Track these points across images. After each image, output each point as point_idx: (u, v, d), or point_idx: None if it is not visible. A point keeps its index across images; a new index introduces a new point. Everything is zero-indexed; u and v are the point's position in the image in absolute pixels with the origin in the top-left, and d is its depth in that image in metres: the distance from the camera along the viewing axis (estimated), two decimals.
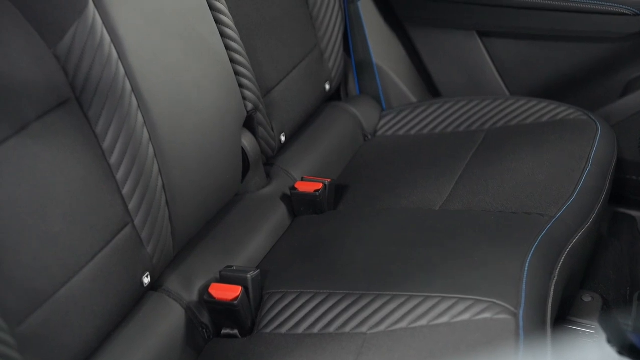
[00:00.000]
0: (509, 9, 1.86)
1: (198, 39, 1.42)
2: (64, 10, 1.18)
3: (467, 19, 1.95)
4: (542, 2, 1.81)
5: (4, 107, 1.06)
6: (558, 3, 1.79)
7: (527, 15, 1.85)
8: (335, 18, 1.87)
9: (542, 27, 1.87)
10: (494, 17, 1.91)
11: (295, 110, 1.74)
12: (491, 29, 1.96)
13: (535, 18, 1.84)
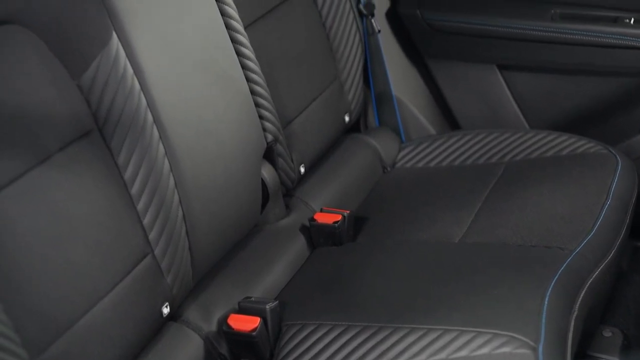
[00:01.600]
0: (529, 42, 1.87)
1: (219, 71, 1.43)
2: (88, 42, 1.20)
3: (487, 53, 1.96)
4: (564, 37, 1.81)
5: (28, 137, 1.08)
6: (580, 37, 1.80)
7: (547, 49, 1.86)
8: (356, 50, 1.89)
9: (563, 61, 1.87)
10: (514, 51, 1.92)
11: (314, 141, 1.75)
12: (511, 63, 1.96)
13: (556, 52, 1.85)
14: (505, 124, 2.00)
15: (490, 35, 1.91)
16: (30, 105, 1.09)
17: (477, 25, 1.92)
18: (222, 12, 1.47)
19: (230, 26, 1.48)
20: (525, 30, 1.86)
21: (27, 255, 1.04)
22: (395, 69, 2.03)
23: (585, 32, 1.82)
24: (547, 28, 1.84)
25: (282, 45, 1.69)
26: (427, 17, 1.97)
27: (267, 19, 1.65)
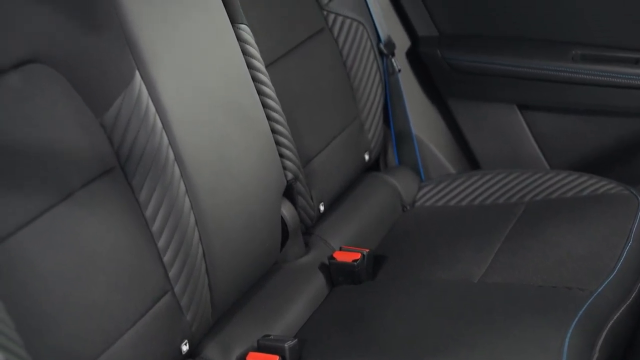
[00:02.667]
0: (550, 83, 1.87)
1: (240, 110, 1.45)
2: (112, 81, 1.21)
3: (507, 93, 1.97)
4: (584, 77, 1.82)
5: (52, 174, 1.09)
6: (601, 78, 1.80)
7: (568, 90, 1.86)
8: (376, 89, 1.90)
9: (584, 102, 1.87)
10: (534, 91, 1.92)
11: (334, 179, 1.76)
12: (532, 103, 1.97)
13: (577, 92, 1.85)
14: (525, 164, 2.00)
15: (511, 75, 1.92)
16: (55, 143, 1.11)
17: (498, 65, 1.93)
18: (243, 52, 1.48)
19: (252, 65, 1.50)
20: (545, 70, 1.87)
21: (48, 294, 1.04)
22: (416, 108, 2.04)
23: (606, 73, 1.83)
24: (568, 69, 1.85)
25: (303, 84, 1.70)
26: (448, 56, 1.98)
27: (288, 58, 1.66)
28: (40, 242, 1.05)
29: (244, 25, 1.49)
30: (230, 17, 1.47)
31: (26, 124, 1.07)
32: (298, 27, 1.71)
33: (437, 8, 1.98)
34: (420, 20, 2.01)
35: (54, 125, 1.11)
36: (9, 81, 1.06)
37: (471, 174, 1.91)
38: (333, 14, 1.81)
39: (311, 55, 1.73)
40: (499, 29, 1.94)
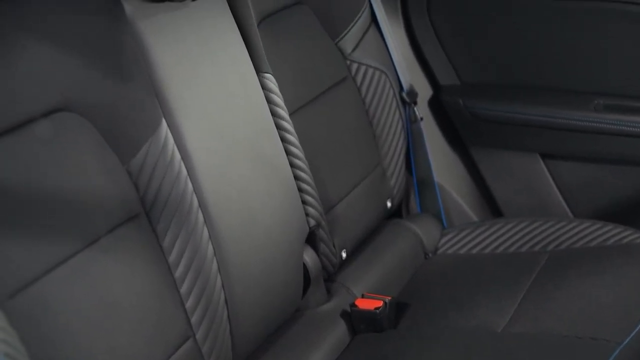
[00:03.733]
0: (572, 132, 1.87)
1: (264, 157, 1.46)
2: (139, 128, 1.23)
3: (529, 142, 1.97)
4: (607, 127, 1.82)
5: (78, 221, 1.10)
6: (623, 128, 1.80)
7: (591, 139, 1.86)
8: (398, 137, 1.91)
9: (607, 151, 1.87)
10: (557, 140, 1.92)
11: (356, 226, 1.76)
12: (554, 152, 1.97)
13: (600, 142, 1.85)
14: (548, 213, 1.99)
15: (533, 124, 1.92)
16: (82, 189, 1.12)
17: (520, 115, 1.93)
18: (268, 100, 1.50)
19: (276, 113, 1.52)
20: (568, 120, 1.87)
21: (71, 340, 1.04)
22: (438, 156, 2.04)
23: (629, 123, 1.83)
24: (590, 118, 1.85)
25: (326, 132, 1.71)
26: (470, 105, 1.99)
27: (311, 106, 1.68)
28: (64, 288, 1.06)
29: (268, 75, 1.51)
30: (255, 67, 1.49)
31: (55, 171, 1.09)
32: (322, 75, 1.73)
33: (459, 57, 2.00)
34: (443, 70, 2.03)
35: (81, 172, 1.13)
36: (38, 129, 1.08)
37: (494, 222, 1.90)
38: (356, 63, 1.83)
39: (334, 103, 1.75)
40: (520, 78, 1.95)
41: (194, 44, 1.36)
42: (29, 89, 1.08)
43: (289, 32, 1.65)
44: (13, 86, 1.06)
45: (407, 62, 2.01)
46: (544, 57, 1.89)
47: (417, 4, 1.97)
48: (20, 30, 1.09)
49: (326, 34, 1.77)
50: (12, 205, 1.02)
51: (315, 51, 1.73)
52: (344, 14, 1.83)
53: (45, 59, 1.10)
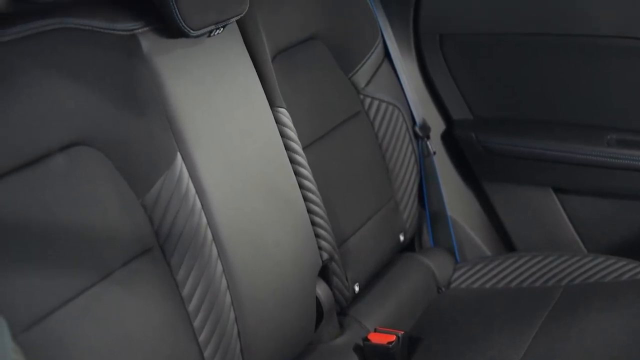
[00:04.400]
0: (585, 167, 1.87)
1: (277, 191, 1.47)
2: (154, 162, 1.24)
3: (542, 176, 1.97)
4: (620, 162, 1.82)
5: (92, 254, 1.11)
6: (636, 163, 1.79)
7: (604, 174, 1.86)
8: (411, 171, 1.92)
9: (620, 186, 1.87)
10: (570, 175, 1.92)
11: (369, 260, 1.76)
12: (567, 186, 1.97)
13: (613, 177, 1.85)
14: (562, 247, 1.99)
15: (546, 158, 1.92)
16: (96, 223, 1.13)
17: (532, 149, 1.94)
18: (282, 134, 1.51)
19: (290, 147, 1.53)
20: (580, 154, 1.87)
21: None
22: (451, 190, 2.05)
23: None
24: (603, 153, 1.85)
25: (339, 165, 1.72)
26: (483, 139, 2.00)
27: (325, 140, 1.69)
28: (79, 321, 1.06)
29: (282, 109, 1.53)
30: (270, 101, 1.50)
31: (70, 205, 1.10)
32: (335, 110, 1.75)
33: (472, 92, 2.01)
34: (455, 104, 2.04)
35: (96, 206, 1.14)
36: (54, 163, 1.09)
37: (507, 256, 1.90)
38: (369, 97, 1.85)
39: (347, 137, 1.76)
40: (533, 113, 1.95)
41: (209, 79, 1.37)
42: (45, 124, 1.09)
43: (302, 66, 1.67)
44: (30, 121, 1.07)
45: (420, 96, 2.02)
46: (557, 92, 1.90)
47: (430, 39, 1.98)
48: (37, 66, 1.10)
49: (339, 69, 1.79)
50: (28, 239, 1.03)
51: (329, 86, 1.75)
52: (358, 49, 1.84)
53: (62, 93, 1.12)
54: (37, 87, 1.09)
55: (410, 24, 1.98)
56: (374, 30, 1.89)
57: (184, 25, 1.27)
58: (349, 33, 1.81)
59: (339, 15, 1.77)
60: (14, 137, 1.05)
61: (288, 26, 1.62)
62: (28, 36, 1.10)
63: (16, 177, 1.04)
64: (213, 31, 1.35)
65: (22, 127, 1.06)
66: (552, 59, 1.87)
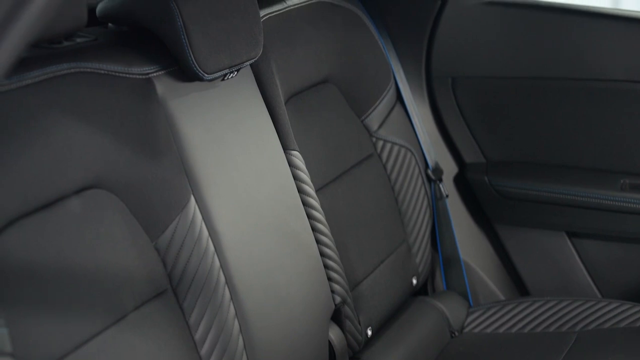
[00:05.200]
0: (599, 211, 1.86)
1: (291, 234, 1.47)
2: (168, 205, 1.25)
3: (556, 220, 1.96)
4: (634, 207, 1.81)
5: (106, 298, 1.11)
6: None
7: (617, 218, 1.85)
8: (424, 214, 1.91)
9: (633, 231, 1.86)
10: (583, 219, 1.91)
11: (382, 304, 1.75)
12: (581, 230, 1.96)
13: (627, 221, 1.84)
14: (576, 292, 1.97)
15: (559, 202, 1.91)
16: (110, 266, 1.13)
17: (545, 193, 1.93)
18: (294, 177, 1.52)
19: (303, 190, 1.53)
20: (594, 199, 1.86)
21: None
22: (463, 233, 2.04)
23: None
24: (617, 198, 1.84)
25: (352, 208, 1.72)
26: (495, 183, 2.00)
27: (337, 182, 1.69)
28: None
29: (295, 152, 1.53)
30: (283, 144, 1.51)
31: (84, 248, 1.10)
32: (348, 152, 1.75)
33: (484, 135, 2.01)
34: (468, 147, 2.04)
35: (110, 249, 1.14)
36: (69, 206, 1.10)
37: (521, 301, 1.88)
38: (382, 140, 1.85)
39: (360, 180, 1.76)
40: (546, 156, 1.95)
41: (223, 122, 1.38)
42: (61, 167, 1.10)
43: (315, 109, 1.68)
44: (46, 164, 1.08)
45: (432, 139, 2.02)
46: (570, 135, 1.90)
47: (442, 82, 1.99)
48: (53, 109, 1.11)
49: (352, 112, 1.80)
50: (42, 282, 1.03)
51: (342, 128, 1.75)
52: (370, 93, 1.85)
53: (77, 137, 1.13)
54: (53, 130, 1.10)
55: (423, 67, 1.99)
56: (386, 74, 1.91)
57: (198, 69, 1.29)
58: (361, 76, 1.82)
59: (351, 59, 1.79)
60: (30, 180, 1.05)
61: (301, 70, 1.63)
62: (45, 80, 1.12)
63: (31, 220, 1.04)
64: (227, 75, 1.36)
65: (38, 170, 1.07)
66: (564, 103, 1.88)
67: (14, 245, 1.01)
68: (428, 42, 1.95)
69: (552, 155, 1.94)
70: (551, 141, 1.93)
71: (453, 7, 1.89)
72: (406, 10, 1.93)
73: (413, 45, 1.97)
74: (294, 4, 1.65)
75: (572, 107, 1.87)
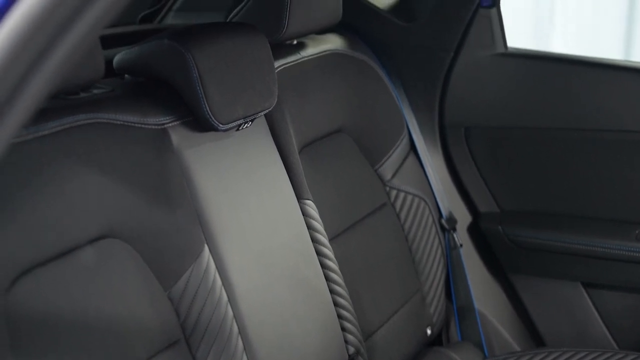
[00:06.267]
0: (614, 262, 1.85)
1: (304, 283, 1.46)
2: (181, 254, 1.25)
3: (571, 270, 1.95)
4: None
5: (119, 348, 1.11)
6: None
7: (633, 269, 1.84)
8: (438, 264, 1.91)
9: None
10: (598, 269, 1.90)
11: (396, 354, 1.73)
12: (596, 281, 1.94)
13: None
14: (592, 343, 1.95)
15: (574, 252, 1.90)
16: (124, 316, 1.13)
17: (561, 243, 1.92)
18: (308, 226, 1.52)
19: (316, 239, 1.53)
20: (609, 249, 1.85)
21: None
22: (478, 283, 2.03)
23: None
24: (632, 248, 1.83)
25: (365, 257, 1.72)
26: (510, 233, 1.99)
27: (351, 231, 1.69)
28: None
29: (309, 201, 1.54)
30: (297, 193, 1.52)
31: (98, 298, 1.10)
32: (361, 202, 1.75)
33: (498, 185, 2.01)
34: (482, 197, 2.04)
35: (123, 299, 1.14)
36: (84, 256, 1.10)
37: (536, 352, 1.86)
38: (395, 189, 1.86)
39: (374, 229, 1.76)
40: (560, 206, 1.95)
41: (237, 172, 1.39)
42: (76, 217, 1.11)
43: (329, 158, 1.69)
44: (61, 214, 1.09)
45: (446, 188, 2.02)
46: (583, 186, 1.90)
47: (455, 132, 2.00)
48: (69, 159, 1.12)
49: (366, 161, 1.80)
50: (55, 331, 1.03)
51: (355, 177, 1.76)
52: (384, 142, 1.86)
53: (93, 186, 1.14)
54: (69, 180, 1.11)
55: (436, 117, 2.00)
56: (399, 123, 1.92)
57: (213, 119, 1.30)
58: (375, 126, 1.84)
59: (365, 109, 1.80)
60: (44, 229, 1.06)
61: (315, 119, 1.65)
62: (61, 130, 1.13)
63: (45, 270, 1.05)
64: (241, 125, 1.38)
65: (53, 220, 1.08)
66: (578, 153, 1.88)
67: (27, 295, 1.01)
68: (441, 92, 1.96)
69: (566, 205, 1.94)
70: (565, 191, 1.93)
71: (465, 59, 1.90)
72: (419, 61, 1.95)
73: (426, 95, 1.98)
74: (308, 55, 1.67)
75: (585, 157, 1.87)
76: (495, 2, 1.85)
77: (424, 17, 1.90)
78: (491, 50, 1.88)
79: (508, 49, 1.89)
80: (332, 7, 1.65)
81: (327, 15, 1.64)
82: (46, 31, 0.55)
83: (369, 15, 1.93)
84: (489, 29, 1.87)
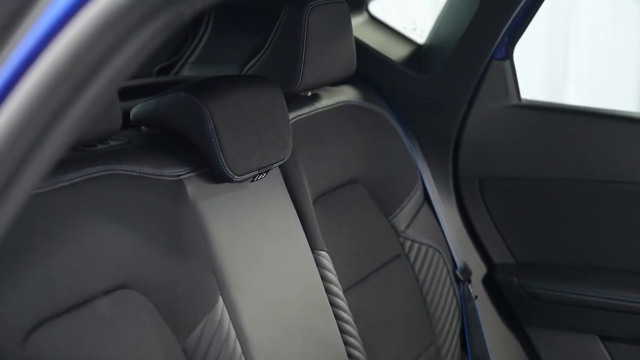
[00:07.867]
0: (632, 315, 1.83)
1: (318, 335, 1.45)
2: (196, 305, 1.25)
3: (587, 323, 1.93)
4: None
5: None
6: None
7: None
8: (452, 316, 1.89)
9: None
10: (615, 322, 1.88)
11: None
12: (613, 334, 1.92)
13: None
14: None
15: (590, 305, 1.89)
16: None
17: (576, 295, 1.91)
18: (322, 277, 1.52)
19: (330, 290, 1.53)
20: (626, 302, 1.84)
21: None
22: (493, 335, 2.01)
23: None
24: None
25: (380, 309, 1.71)
26: (525, 284, 1.98)
27: (365, 282, 1.68)
28: None
29: (323, 252, 1.54)
30: (311, 244, 1.52)
31: (112, 349, 1.10)
32: (375, 253, 1.75)
33: (513, 236, 2.00)
34: (496, 248, 2.03)
35: (138, 350, 1.14)
36: (99, 307, 1.10)
37: None
38: (409, 240, 1.85)
39: (388, 280, 1.75)
40: (576, 258, 1.94)
41: (252, 223, 1.39)
42: (92, 267, 1.11)
43: (343, 209, 1.69)
44: (77, 265, 1.09)
45: (460, 239, 2.02)
46: (599, 237, 1.89)
47: (469, 183, 2.00)
48: (86, 211, 1.13)
49: (380, 212, 1.81)
50: None
51: (369, 228, 1.76)
52: (398, 193, 1.87)
53: (109, 237, 1.14)
54: (85, 231, 1.11)
55: (450, 168, 2.01)
56: (413, 174, 1.92)
57: (228, 171, 1.31)
58: (389, 177, 1.84)
59: (379, 160, 1.81)
60: (61, 280, 1.06)
61: (329, 170, 1.65)
62: (79, 182, 1.14)
63: (60, 321, 1.05)
64: (256, 176, 1.39)
65: (69, 270, 1.08)
66: (593, 204, 1.87)
67: (43, 346, 1.01)
68: (455, 143, 1.97)
69: (582, 256, 1.93)
70: (580, 242, 1.92)
71: (479, 110, 1.91)
72: (433, 113, 1.96)
73: (440, 147, 1.99)
74: (322, 107, 1.69)
75: (600, 208, 1.86)
76: (508, 55, 1.87)
77: (437, 69, 1.92)
78: (505, 102, 1.89)
79: (522, 100, 1.91)
80: (346, 59, 1.67)
81: (341, 67, 1.66)
82: (65, 88, 0.56)
83: (383, 68, 1.95)
84: (503, 81, 1.88)
